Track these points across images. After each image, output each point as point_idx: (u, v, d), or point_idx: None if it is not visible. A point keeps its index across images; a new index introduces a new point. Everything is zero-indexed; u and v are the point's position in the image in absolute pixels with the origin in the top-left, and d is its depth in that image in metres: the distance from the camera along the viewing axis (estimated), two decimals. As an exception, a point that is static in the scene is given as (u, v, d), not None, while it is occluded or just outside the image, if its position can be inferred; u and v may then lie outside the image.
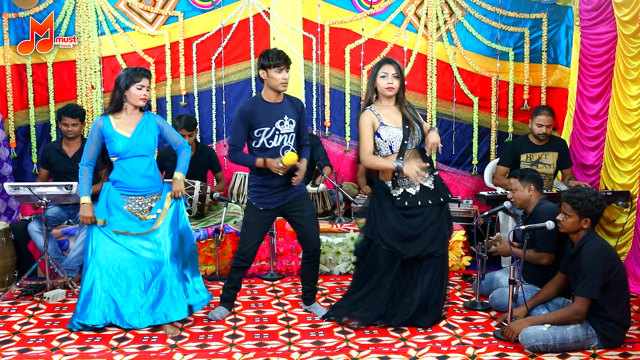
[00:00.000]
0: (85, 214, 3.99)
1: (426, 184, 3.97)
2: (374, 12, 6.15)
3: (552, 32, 6.19)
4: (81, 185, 4.04)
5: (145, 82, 3.94)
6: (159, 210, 4.02)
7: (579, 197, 3.61)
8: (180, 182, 4.07)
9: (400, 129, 3.91)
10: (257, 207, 4.09)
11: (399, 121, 3.94)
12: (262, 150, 4.01)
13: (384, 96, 3.97)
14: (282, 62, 3.93)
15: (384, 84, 3.92)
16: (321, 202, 5.50)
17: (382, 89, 3.94)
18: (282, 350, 3.71)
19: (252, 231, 4.14)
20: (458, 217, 5.69)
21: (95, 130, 3.98)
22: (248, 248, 4.14)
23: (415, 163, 3.88)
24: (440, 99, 6.27)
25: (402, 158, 3.91)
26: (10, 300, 4.62)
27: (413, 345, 3.73)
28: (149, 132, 4.01)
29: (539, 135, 5.36)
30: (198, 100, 6.20)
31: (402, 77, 3.95)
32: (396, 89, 3.93)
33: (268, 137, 4.00)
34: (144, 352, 3.68)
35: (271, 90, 4.01)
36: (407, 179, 3.92)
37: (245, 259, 4.16)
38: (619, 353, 3.59)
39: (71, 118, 5.21)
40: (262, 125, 3.98)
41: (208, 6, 6.10)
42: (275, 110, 4.01)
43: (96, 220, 3.98)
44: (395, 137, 3.90)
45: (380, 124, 3.92)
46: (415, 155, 3.96)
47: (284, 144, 4.02)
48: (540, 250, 4.12)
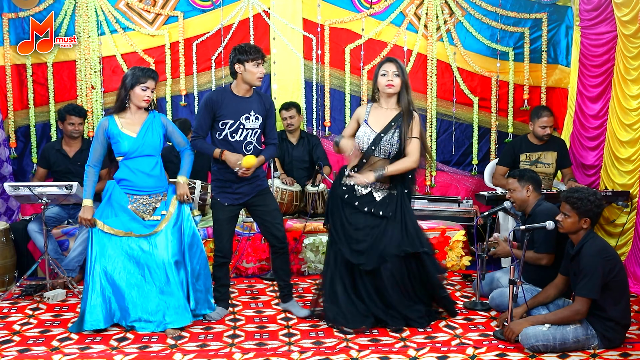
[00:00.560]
0: (84, 216, 3.96)
1: (375, 194, 3.98)
2: (374, 12, 6.15)
3: (552, 32, 6.19)
4: (85, 187, 4.02)
5: (150, 83, 3.94)
6: (163, 212, 4.01)
7: (578, 197, 3.61)
8: (183, 186, 4.06)
9: (375, 133, 3.91)
10: (222, 202, 4.11)
11: (380, 125, 3.93)
12: (225, 142, 4.03)
13: (385, 95, 3.97)
14: (259, 56, 3.98)
15: (384, 81, 3.92)
16: (321, 202, 5.50)
17: (382, 87, 3.94)
18: (282, 350, 3.71)
19: (222, 227, 4.18)
20: (458, 217, 5.70)
21: (101, 130, 3.97)
22: (223, 244, 4.19)
23: (365, 176, 3.88)
24: (440, 99, 6.27)
25: (364, 161, 3.94)
26: (10, 300, 4.62)
27: (413, 346, 3.73)
28: (154, 131, 4.01)
29: (543, 136, 5.37)
30: (198, 100, 6.20)
31: (404, 77, 3.93)
32: (397, 86, 3.91)
33: (232, 130, 4.01)
34: (144, 352, 3.68)
35: (244, 84, 4.02)
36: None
37: (223, 254, 4.20)
38: (619, 353, 3.59)
39: (77, 117, 5.23)
40: (227, 117, 4.00)
41: (208, 6, 6.10)
42: (242, 105, 4.03)
43: (95, 223, 3.97)
44: (363, 139, 3.93)
45: (364, 121, 3.96)
46: (383, 165, 3.92)
47: (247, 139, 4.04)
48: (540, 251, 4.12)
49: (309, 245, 5.27)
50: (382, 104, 3.99)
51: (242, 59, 3.95)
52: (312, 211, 5.42)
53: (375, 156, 3.94)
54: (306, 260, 5.26)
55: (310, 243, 5.27)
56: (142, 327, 3.96)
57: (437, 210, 5.70)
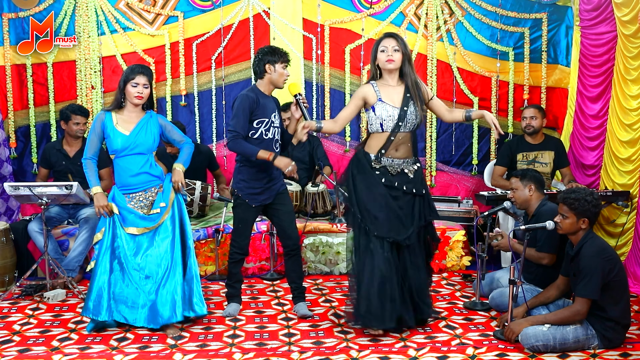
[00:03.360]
0: (100, 203, 3.92)
1: (406, 170, 3.87)
2: (374, 12, 6.16)
3: (552, 32, 6.19)
4: (88, 177, 3.99)
5: (140, 79, 3.91)
6: (162, 204, 3.99)
7: (575, 198, 3.61)
8: (179, 173, 4.04)
9: (398, 109, 3.80)
10: (250, 204, 4.13)
11: (398, 101, 3.82)
12: (259, 141, 4.05)
13: (386, 71, 3.85)
14: (287, 58, 4.10)
15: (383, 57, 3.80)
16: (321, 202, 5.50)
17: (383, 63, 3.82)
18: (282, 350, 3.71)
19: (247, 226, 4.22)
20: (458, 217, 5.70)
21: (98, 122, 3.96)
22: (246, 242, 4.24)
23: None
24: (440, 99, 6.24)
25: (392, 139, 3.81)
26: (10, 300, 4.62)
27: (413, 345, 3.73)
28: (148, 131, 3.99)
29: (525, 128, 5.46)
30: (198, 100, 6.20)
31: (404, 50, 3.82)
32: (397, 61, 3.80)
33: (266, 128, 4.07)
34: (144, 352, 3.68)
35: (271, 84, 4.11)
36: (390, 158, 3.83)
37: (243, 252, 4.26)
38: (619, 353, 3.58)
39: (82, 117, 5.25)
40: (262, 116, 4.05)
41: (208, 6, 6.10)
42: (270, 103, 4.14)
43: (112, 209, 3.95)
44: (389, 116, 3.79)
45: (379, 99, 3.81)
46: (406, 139, 3.86)
47: (275, 137, 4.14)
48: (542, 251, 4.12)
49: (309, 245, 5.27)
50: (387, 80, 3.87)
51: (272, 60, 4.04)
52: (312, 211, 5.42)
53: (401, 132, 3.83)
54: (306, 260, 5.26)
55: (310, 243, 5.27)
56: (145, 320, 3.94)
57: (437, 210, 5.66)
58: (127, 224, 3.96)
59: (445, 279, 5.10)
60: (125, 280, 3.95)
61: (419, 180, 3.94)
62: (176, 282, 3.96)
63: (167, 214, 3.99)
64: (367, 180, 3.83)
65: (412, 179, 3.88)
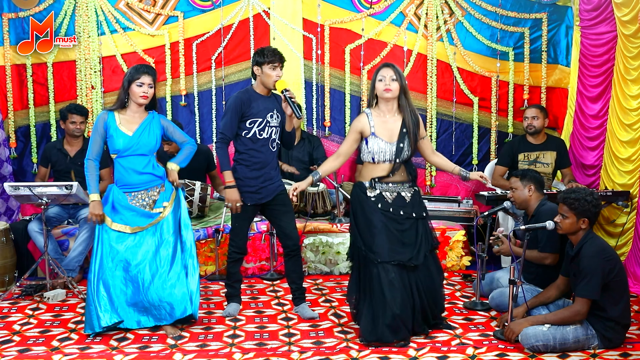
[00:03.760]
0: (95, 212, 3.92)
1: (402, 193, 3.91)
2: (374, 12, 6.15)
3: (552, 32, 6.19)
4: (89, 182, 3.96)
5: (145, 79, 3.91)
6: (164, 204, 4.00)
7: (575, 198, 3.61)
8: (173, 172, 4.05)
9: (394, 144, 3.85)
10: (246, 202, 4.13)
11: (393, 136, 3.86)
12: (253, 140, 4.07)
13: (384, 100, 3.90)
14: (276, 59, 4.05)
15: (381, 86, 3.87)
16: (321, 202, 5.50)
17: (380, 92, 3.88)
18: (282, 350, 3.71)
19: (243, 225, 4.22)
20: (458, 217, 5.70)
21: (100, 122, 3.94)
22: (243, 241, 4.26)
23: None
24: (440, 99, 6.27)
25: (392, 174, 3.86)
26: (10, 300, 4.62)
27: (413, 345, 3.73)
28: (151, 132, 3.99)
29: (527, 128, 5.46)
30: (198, 100, 6.20)
31: (401, 81, 3.88)
32: (395, 91, 3.86)
33: (259, 128, 4.07)
34: (144, 352, 3.68)
35: (263, 86, 4.11)
36: (385, 183, 3.87)
37: (241, 251, 4.27)
38: (619, 353, 3.59)
39: (79, 115, 5.24)
40: (256, 116, 4.05)
41: (208, 6, 6.10)
42: (267, 103, 4.11)
43: (104, 219, 3.95)
44: (381, 151, 3.85)
45: (371, 133, 3.86)
46: (401, 168, 3.90)
47: (272, 137, 4.11)
48: (544, 251, 4.11)
49: (309, 245, 5.27)
50: (383, 110, 3.93)
51: (259, 61, 4.05)
52: (312, 211, 5.42)
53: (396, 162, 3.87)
54: (306, 260, 5.26)
55: (310, 243, 5.27)
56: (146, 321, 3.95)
57: (437, 210, 5.69)
58: (122, 222, 3.94)
59: (445, 279, 5.09)
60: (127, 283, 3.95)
61: (417, 203, 3.94)
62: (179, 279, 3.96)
63: (168, 211, 3.99)
64: (364, 210, 3.88)
65: (408, 203, 3.90)
